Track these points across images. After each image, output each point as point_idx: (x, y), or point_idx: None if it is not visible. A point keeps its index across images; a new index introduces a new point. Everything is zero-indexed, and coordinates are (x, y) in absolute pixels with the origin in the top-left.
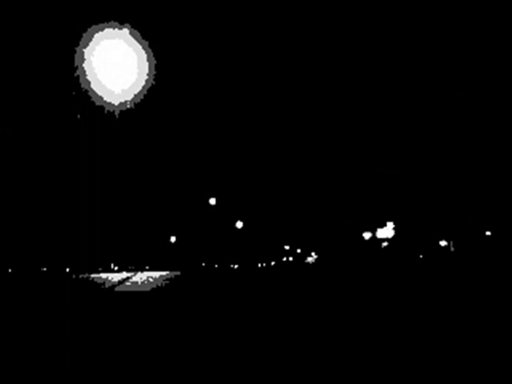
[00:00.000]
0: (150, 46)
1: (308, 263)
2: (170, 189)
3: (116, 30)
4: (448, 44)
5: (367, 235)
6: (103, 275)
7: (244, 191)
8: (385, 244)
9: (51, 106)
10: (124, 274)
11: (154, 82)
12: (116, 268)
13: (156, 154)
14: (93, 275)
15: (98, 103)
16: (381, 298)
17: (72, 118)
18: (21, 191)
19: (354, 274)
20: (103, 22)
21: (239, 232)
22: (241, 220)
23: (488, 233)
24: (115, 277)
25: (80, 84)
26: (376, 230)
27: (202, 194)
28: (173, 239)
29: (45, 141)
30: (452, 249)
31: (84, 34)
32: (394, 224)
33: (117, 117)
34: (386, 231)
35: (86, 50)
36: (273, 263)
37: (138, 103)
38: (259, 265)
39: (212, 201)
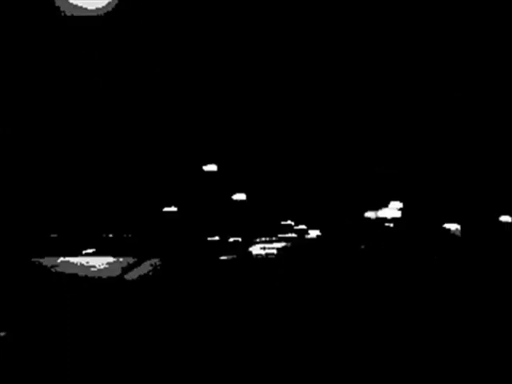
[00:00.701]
0: None
1: (309, 239)
2: (162, 159)
3: None
4: (448, 44)
5: (371, 214)
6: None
7: (245, 165)
8: (389, 224)
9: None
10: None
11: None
12: (106, 236)
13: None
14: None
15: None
16: (382, 288)
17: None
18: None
19: (356, 257)
20: None
21: (238, 204)
22: (240, 192)
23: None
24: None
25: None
26: (379, 210)
27: (200, 163)
28: (166, 210)
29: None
30: (459, 233)
31: None
32: (400, 204)
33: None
34: (391, 211)
35: None
36: (274, 238)
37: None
38: (258, 240)
39: (209, 170)
